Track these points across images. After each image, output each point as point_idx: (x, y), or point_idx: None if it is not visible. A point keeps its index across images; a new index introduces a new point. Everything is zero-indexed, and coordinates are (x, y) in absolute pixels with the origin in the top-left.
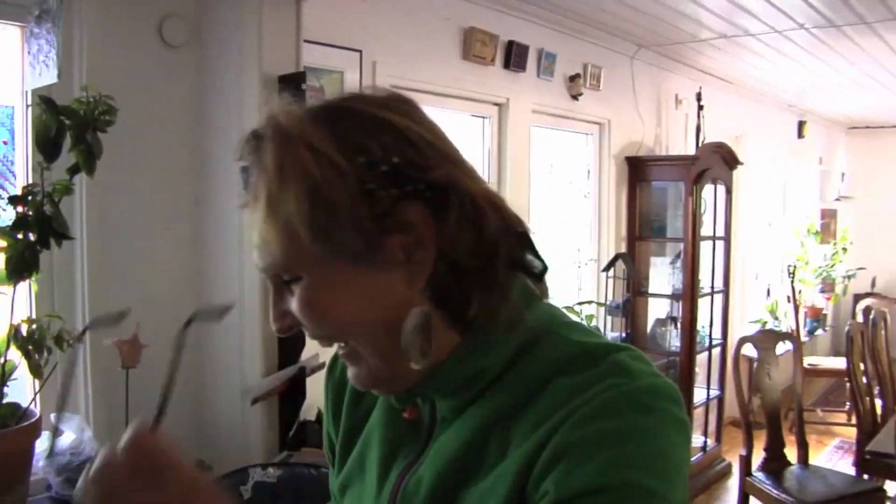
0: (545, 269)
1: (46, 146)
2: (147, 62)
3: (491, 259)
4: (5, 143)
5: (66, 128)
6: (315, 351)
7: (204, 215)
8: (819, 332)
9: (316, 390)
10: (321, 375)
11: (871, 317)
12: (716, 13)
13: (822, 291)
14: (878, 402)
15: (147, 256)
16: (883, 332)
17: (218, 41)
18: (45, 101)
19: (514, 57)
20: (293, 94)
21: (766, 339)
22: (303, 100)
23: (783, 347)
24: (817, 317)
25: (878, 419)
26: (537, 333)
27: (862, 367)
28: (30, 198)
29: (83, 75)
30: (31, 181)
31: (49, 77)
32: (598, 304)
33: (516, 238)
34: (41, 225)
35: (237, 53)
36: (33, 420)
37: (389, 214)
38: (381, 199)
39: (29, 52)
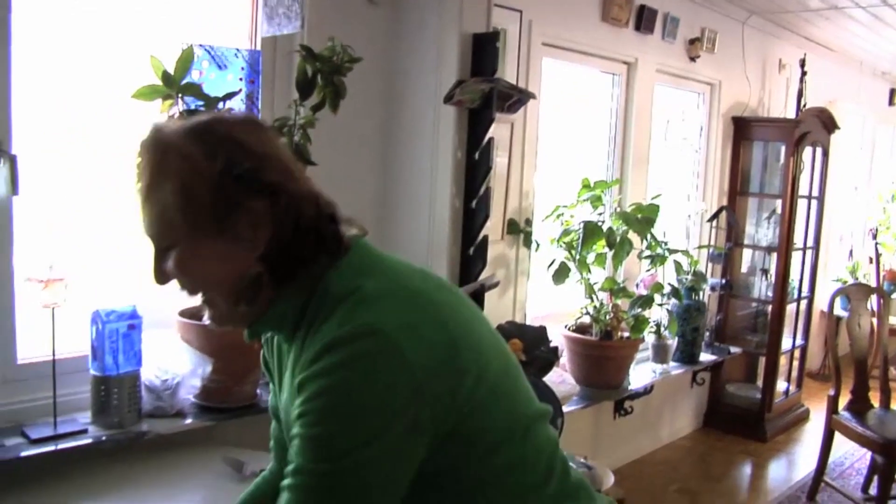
0: (363, 234)
1: (304, 86)
2: (353, 17)
3: (303, 238)
4: (252, 82)
5: (319, 71)
6: (492, 272)
7: (393, 146)
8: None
9: (491, 304)
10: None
11: None
12: None
13: None
14: None
15: (347, 180)
16: None
17: (415, 2)
18: (305, 49)
19: (645, 20)
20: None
21: (859, 291)
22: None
23: (872, 302)
24: (895, 280)
25: None
26: (329, 290)
27: None
28: (284, 129)
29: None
30: (276, 116)
31: (291, 27)
32: (702, 247)
33: (329, 219)
34: (294, 152)
35: (436, 14)
36: None
37: (240, 204)
38: (233, 194)
39: (266, 4)
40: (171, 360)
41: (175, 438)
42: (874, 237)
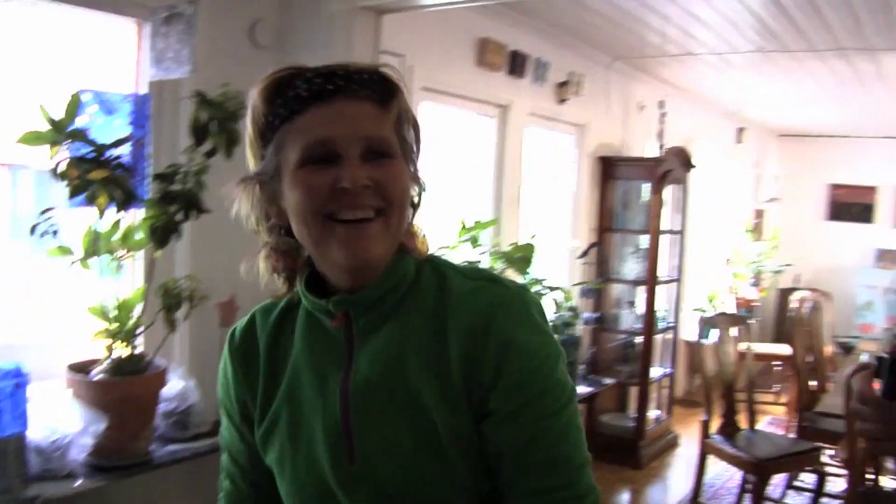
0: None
1: (198, 132)
2: (241, 60)
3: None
4: (141, 126)
5: (213, 118)
6: None
7: None
8: (750, 321)
9: None
10: None
11: (806, 306)
12: (675, 30)
13: (754, 285)
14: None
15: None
16: (816, 320)
17: (303, 45)
18: (199, 95)
19: (517, 65)
20: None
21: (725, 320)
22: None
23: (734, 331)
24: (749, 307)
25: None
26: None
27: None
28: (178, 176)
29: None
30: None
31: (181, 72)
32: (579, 284)
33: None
34: (188, 199)
35: (324, 56)
36: (161, 369)
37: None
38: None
39: (153, 48)
40: (61, 418)
41: (67, 502)
42: (728, 269)
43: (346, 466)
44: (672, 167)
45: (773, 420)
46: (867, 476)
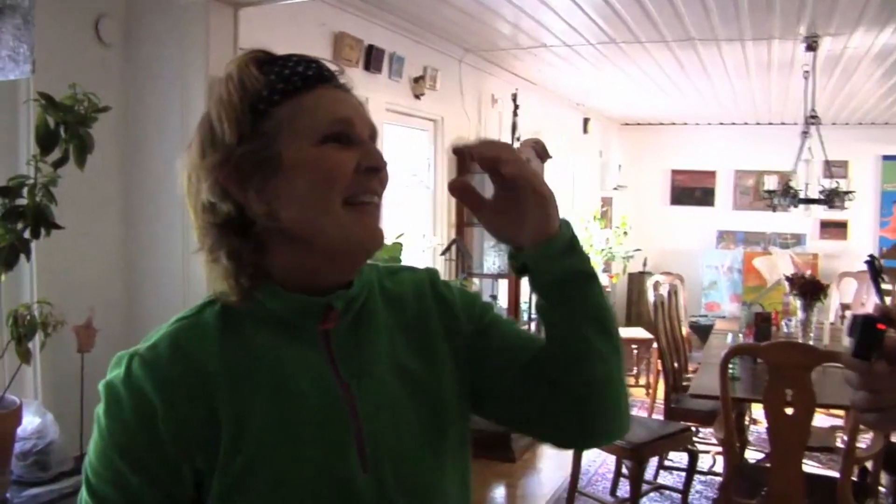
0: None
1: (45, 140)
2: (85, 60)
3: None
4: None
5: (62, 123)
6: None
7: (138, 200)
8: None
9: None
10: None
11: (663, 290)
12: (528, 21)
13: (605, 271)
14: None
15: (94, 244)
16: (673, 303)
17: (154, 41)
18: (46, 98)
19: (373, 60)
20: None
21: None
22: None
23: None
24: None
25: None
26: None
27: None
28: (24, 189)
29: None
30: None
31: (19, 72)
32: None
33: None
34: (36, 215)
35: (177, 54)
36: (14, 408)
37: None
38: None
39: None
40: None
41: None
42: None
43: (359, 476)
44: (528, 158)
45: (634, 403)
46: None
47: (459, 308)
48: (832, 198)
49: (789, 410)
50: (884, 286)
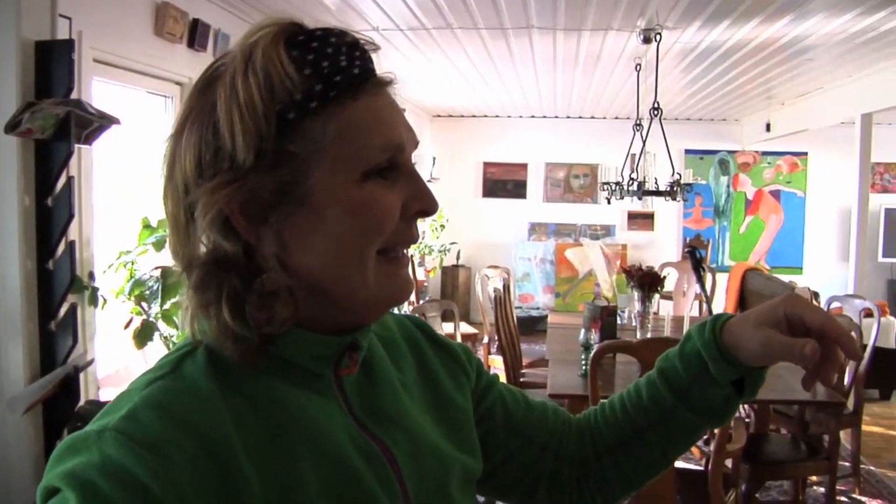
0: None
1: None
2: None
3: None
4: None
5: None
6: (83, 350)
7: None
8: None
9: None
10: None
11: (497, 284)
12: (350, 5)
13: (421, 265)
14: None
15: None
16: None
17: None
18: None
19: (199, 36)
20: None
21: (432, 307)
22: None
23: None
24: (420, 289)
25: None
26: None
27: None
28: None
29: None
30: None
31: None
32: None
33: None
34: None
35: None
36: None
37: None
38: None
39: None
40: None
41: None
42: None
43: None
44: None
45: None
46: None
47: (462, 357)
48: (674, 189)
49: None
50: (703, 274)
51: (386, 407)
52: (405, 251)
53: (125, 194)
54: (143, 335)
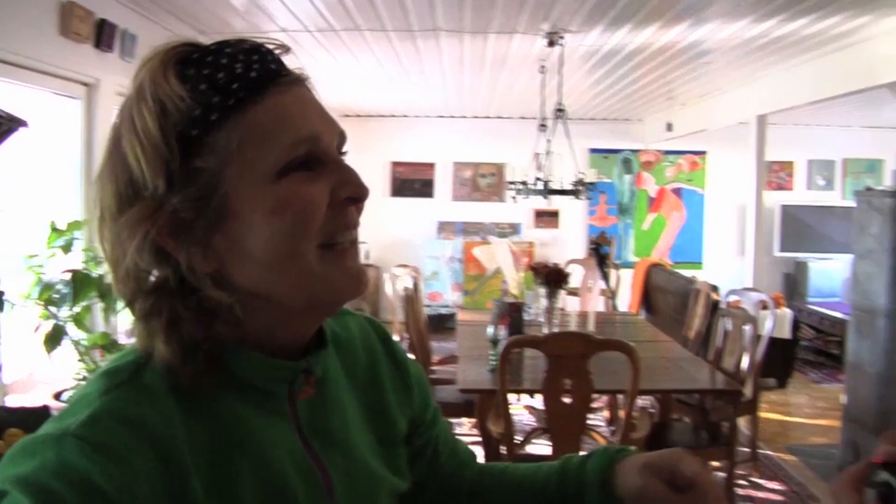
0: None
1: None
2: None
3: None
4: None
5: None
6: None
7: None
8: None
9: None
10: None
11: (406, 283)
12: (257, 8)
13: None
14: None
15: None
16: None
17: None
18: None
19: (105, 36)
20: None
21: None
22: None
23: None
24: None
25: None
26: None
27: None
28: None
29: None
30: None
31: None
32: None
33: None
34: None
35: None
36: None
37: None
38: None
39: None
40: None
41: None
42: None
43: None
44: None
45: None
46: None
47: (413, 381)
48: (578, 188)
49: (567, 399)
50: (607, 270)
51: (332, 428)
52: (350, 241)
53: (32, 197)
54: (53, 339)
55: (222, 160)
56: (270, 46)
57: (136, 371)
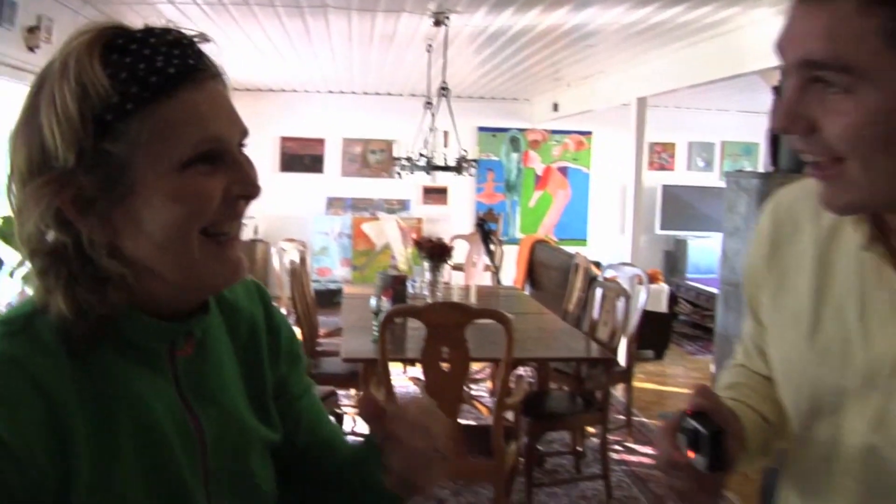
0: None
1: None
2: None
3: None
4: None
5: None
6: None
7: None
8: None
9: None
10: None
11: (293, 257)
12: None
13: None
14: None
15: None
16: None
17: None
18: None
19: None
20: None
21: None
22: None
23: None
24: None
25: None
26: None
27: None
28: None
29: None
30: None
31: None
32: None
33: None
34: None
35: None
36: None
37: None
38: None
39: None
40: None
41: None
42: None
43: None
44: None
45: None
46: None
47: (283, 351)
48: (461, 165)
49: (445, 366)
50: (492, 246)
51: (209, 384)
52: (232, 234)
53: None
54: None
55: (132, 147)
56: (193, 37)
57: (29, 320)
